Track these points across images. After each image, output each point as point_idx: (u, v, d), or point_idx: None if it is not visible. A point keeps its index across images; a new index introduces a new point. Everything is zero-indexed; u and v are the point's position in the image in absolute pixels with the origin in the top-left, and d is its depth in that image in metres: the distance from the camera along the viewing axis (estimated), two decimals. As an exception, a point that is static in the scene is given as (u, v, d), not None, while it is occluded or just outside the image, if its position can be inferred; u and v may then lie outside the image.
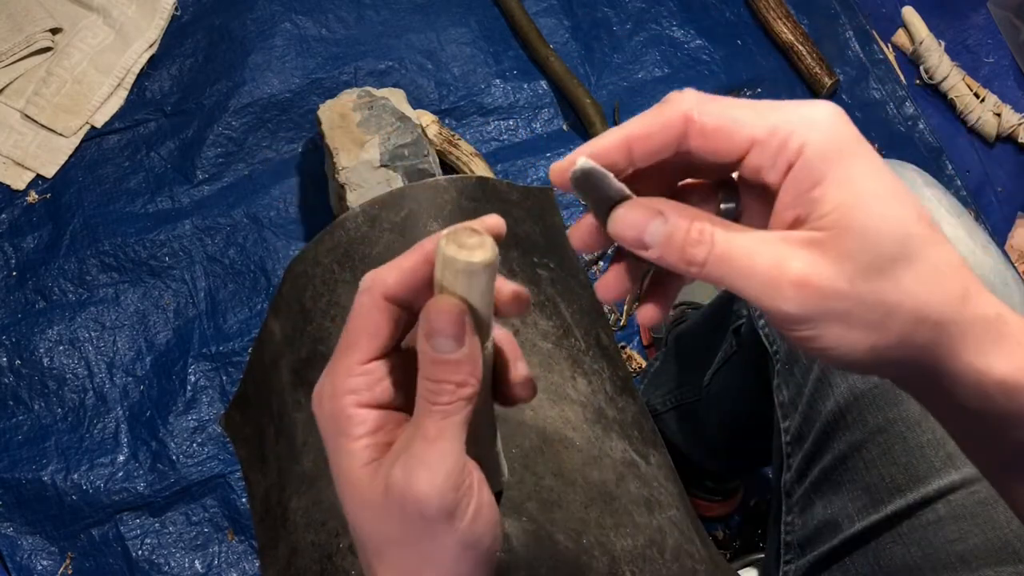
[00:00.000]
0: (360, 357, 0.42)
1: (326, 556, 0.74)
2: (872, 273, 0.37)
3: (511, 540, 0.69)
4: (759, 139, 0.39)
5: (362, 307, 0.42)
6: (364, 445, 0.42)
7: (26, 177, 1.41)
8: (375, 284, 0.42)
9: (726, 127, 0.39)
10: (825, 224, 0.37)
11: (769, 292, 0.37)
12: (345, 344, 0.43)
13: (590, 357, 0.83)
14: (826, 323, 0.37)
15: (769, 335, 0.85)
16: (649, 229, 0.39)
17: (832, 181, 0.38)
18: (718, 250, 0.38)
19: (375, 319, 0.42)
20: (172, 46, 1.50)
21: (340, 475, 0.42)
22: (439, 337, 0.40)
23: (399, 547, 0.41)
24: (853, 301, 0.37)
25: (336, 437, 0.42)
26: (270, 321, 0.93)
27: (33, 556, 1.23)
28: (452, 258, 0.40)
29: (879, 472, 0.71)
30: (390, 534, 0.41)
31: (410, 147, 1.31)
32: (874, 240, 0.37)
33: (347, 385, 0.42)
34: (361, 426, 0.42)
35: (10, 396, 1.30)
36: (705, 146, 0.40)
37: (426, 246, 0.42)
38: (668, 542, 0.73)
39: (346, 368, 0.42)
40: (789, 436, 0.82)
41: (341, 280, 0.85)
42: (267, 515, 0.88)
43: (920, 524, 0.68)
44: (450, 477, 0.40)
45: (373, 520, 0.41)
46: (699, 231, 0.39)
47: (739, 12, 1.68)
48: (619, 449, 0.77)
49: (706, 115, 0.40)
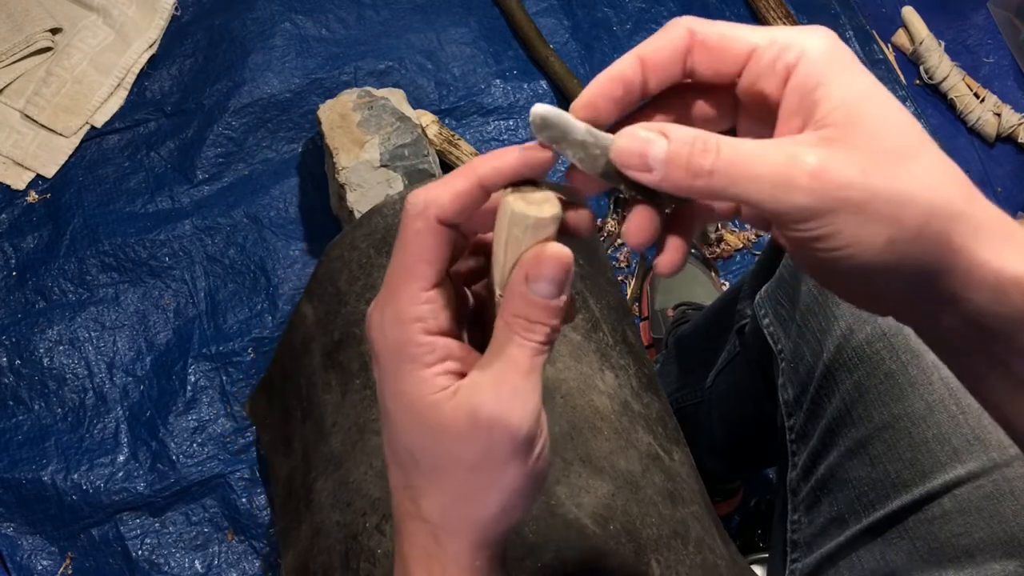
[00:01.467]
0: (423, 284, 0.42)
1: (351, 536, 0.74)
2: (885, 163, 0.37)
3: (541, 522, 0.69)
4: (758, 47, 0.40)
5: (418, 232, 0.42)
6: (437, 372, 0.42)
7: (26, 177, 1.40)
8: (428, 206, 0.41)
9: (727, 37, 0.40)
10: (834, 120, 0.38)
11: (782, 188, 0.37)
12: (403, 270, 0.42)
13: (617, 352, 0.84)
14: (843, 216, 0.37)
15: (774, 334, 0.85)
16: (652, 150, 0.39)
17: (834, 82, 0.38)
18: (725, 155, 0.38)
19: (432, 244, 0.42)
20: (172, 46, 1.50)
21: (405, 401, 0.42)
22: (543, 282, 0.41)
23: (470, 471, 0.42)
24: (869, 191, 0.37)
25: (402, 364, 0.42)
26: (303, 305, 0.95)
27: (33, 556, 1.23)
28: (521, 214, 0.40)
29: (884, 468, 0.71)
30: (464, 457, 0.42)
31: (410, 147, 1.31)
32: (884, 132, 0.37)
33: (414, 312, 0.42)
34: (432, 354, 0.42)
35: (10, 396, 1.29)
36: (707, 60, 0.41)
37: (477, 169, 0.42)
38: (692, 534, 0.74)
39: (410, 296, 0.42)
40: (794, 434, 0.82)
41: (377, 264, 0.87)
42: (290, 497, 0.89)
43: (926, 519, 0.68)
44: (536, 410, 0.41)
45: (444, 444, 0.42)
46: (704, 142, 0.38)
47: (739, 12, 1.68)
48: (644, 442, 0.78)
49: (708, 27, 0.41)
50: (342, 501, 0.76)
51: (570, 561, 0.68)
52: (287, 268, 1.40)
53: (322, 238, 1.42)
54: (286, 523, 0.88)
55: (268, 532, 1.27)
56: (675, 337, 1.29)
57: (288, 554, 0.85)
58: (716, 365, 1.08)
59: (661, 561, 0.71)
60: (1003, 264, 0.38)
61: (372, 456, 0.78)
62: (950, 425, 0.68)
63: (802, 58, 0.39)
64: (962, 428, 0.67)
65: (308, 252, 1.42)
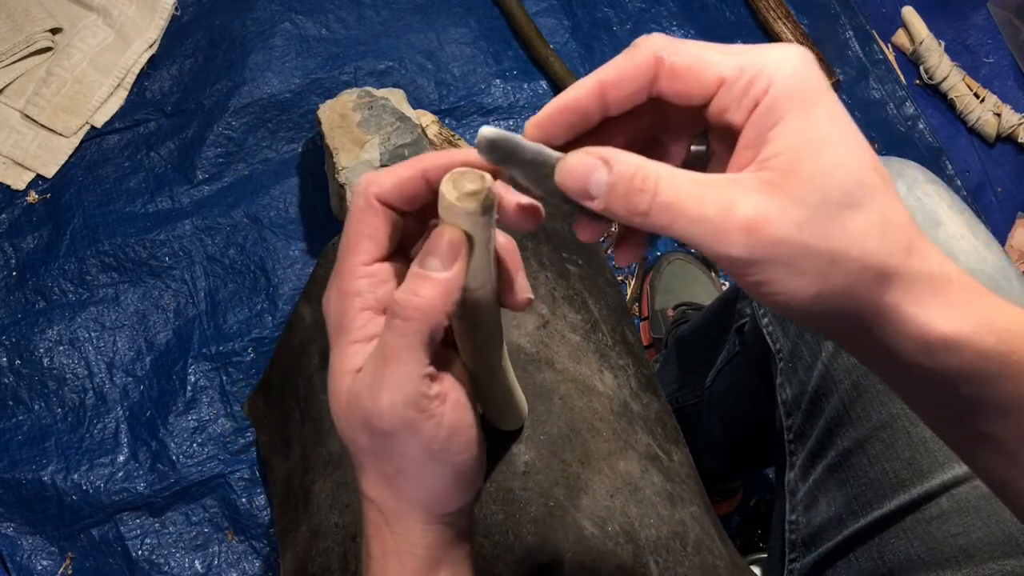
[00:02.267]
0: (363, 259, 0.44)
1: (349, 537, 0.74)
2: (821, 218, 0.36)
3: (539, 524, 0.69)
4: (727, 79, 0.39)
5: (358, 208, 0.44)
6: (357, 350, 0.43)
7: (26, 177, 1.40)
8: (369, 185, 0.43)
9: (696, 67, 0.39)
10: (778, 164, 0.37)
11: (717, 237, 0.37)
12: (346, 246, 0.44)
13: (616, 353, 0.84)
14: (773, 267, 0.37)
15: (773, 334, 0.85)
16: (593, 178, 0.39)
17: (791, 122, 0.38)
18: (661, 198, 0.37)
19: (371, 220, 0.44)
20: (172, 46, 1.50)
21: (332, 376, 0.44)
22: (430, 256, 0.41)
23: (373, 455, 0.44)
24: (800, 247, 0.36)
25: (337, 337, 0.44)
26: (301, 306, 0.95)
27: (33, 556, 1.23)
28: (451, 204, 0.41)
29: (882, 467, 0.71)
30: (364, 444, 0.44)
31: (410, 147, 1.31)
32: (824, 185, 0.37)
33: (351, 287, 0.43)
34: (359, 330, 0.43)
35: (10, 396, 1.29)
36: (674, 87, 0.40)
37: (424, 161, 0.43)
38: (691, 536, 0.74)
39: (349, 270, 0.44)
40: (792, 434, 0.82)
41: None
42: (288, 498, 0.89)
43: (924, 518, 0.68)
44: (410, 397, 0.41)
45: (351, 428, 0.44)
46: (642, 179, 0.38)
47: (739, 12, 1.68)
48: (643, 443, 0.78)
49: (676, 55, 0.40)
50: (340, 502, 0.76)
51: (568, 562, 0.68)
52: (287, 268, 1.40)
53: (322, 238, 1.42)
54: (285, 524, 0.88)
55: (268, 532, 1.27)
56: (675, 337, 1.29)
57: (287, 555, 0.85)
58: (715, 365, 1.08)
59: (660, 562, 0.71)
60: (931, 321, 0.38)
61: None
62: None
63: (768, 91, 0.38)
64: (960, 428, 0.67)
65: (308, 252, 1.42)
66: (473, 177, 0.42)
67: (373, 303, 0.43)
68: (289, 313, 1.35)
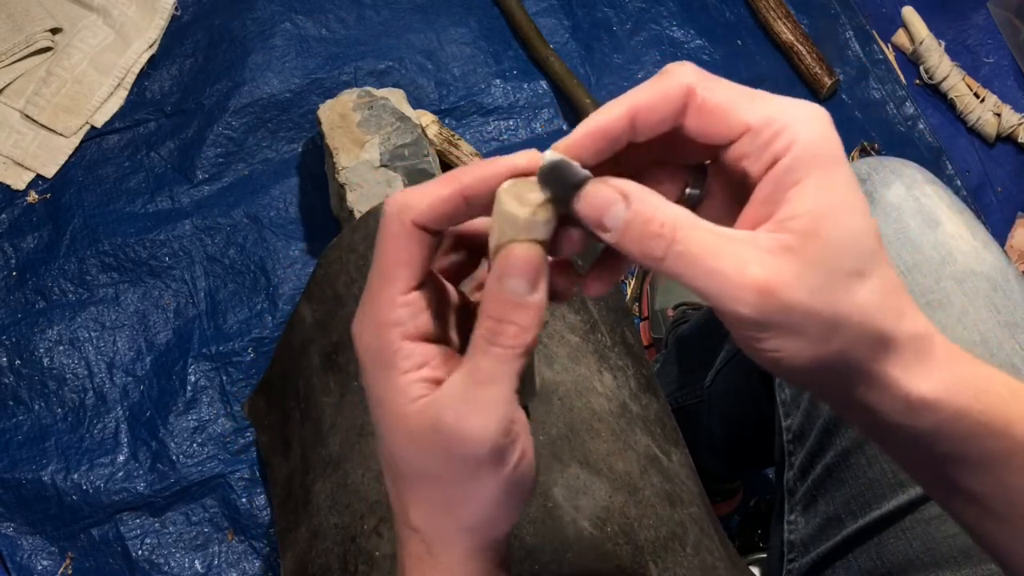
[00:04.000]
0: (400, 287, 0.41)
1: (349, 538, 0.74)
2: (830, 285, 0.37)
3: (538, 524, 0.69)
4: (753, 127, 0.39)
5: (394, 235, 0.41)
6: (412, 380, 0.41)
7: (26, 177, 1.40)
8: (403, 209, 0.40)
9: (726, 108, 0.39)
10: (795, 227, 0.37)
11: (728, 294, 0.37)
12: (381, 274, 0.41)
13: (615, 353, 0.84)
14: (777, 330, 0.37)
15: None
16: (611, 212, 0.38)
17: (811, 185, 0.37)
18: (679, 247, 0.37)
19: (409, 247, 0.41)
20: (172, 46, 1.50)
21: (384, 408, 0.42)
22: (514, 278, 0.39)
23: (440, 483, 0.41)
24: (808, 312, 0.37)
25: (381, 370, 0.41)
26: (301, 306, 0.95)
27: (33, 556, 1.23)
28: (526, 220, 0.39)
29: (881, 467, 0.71)
30: (432, 470, 0.41)
31: (410, 147, 1.31)
32: (839, 253, 0.37)
33: (391, 317, 0.41)
34: (408, 360, 0.41)
35: (10, 396, 1.29)
36: (700, 123, 0.40)
37: (461, 178, 0.40)
38: (689, 536, 0.74)
39: (388, 300, 0.41)
40: (791, 434, 0.82)
41: None
42: (288, 498, 0.89)
43: (922, 519, 0.68)
44: (501, 423, 0.40)
45: (417, 454, 0.41)
46: (660, 224, 0.37)
47: (739, 12, 1.68)
48: (643, 444, 0.78)
49: (709, 92, 0.39)
50: (340, 503, 0.77)
51: (567, 563, 0.68)
52: (287, 268, 1.40)
53: (322, 238, 1.42)
54: (285, 524, 0.88)
55: (268, 532, 1.27)
56: (675, 337, 1.29)
57: (287, 555, 0.85)
58: (715, 365, 1.08)
59: (659, 563, 0.71)
60: (913, 383, 0.39)
61: (370, 459, 0.78)
62: None
63: (790, 149, 0.38)
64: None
65: (308, 252, 1.42)
66: (531, 186, 0.40)
67: (414, 331, 0.41)
68: (289, 313, 1.35)
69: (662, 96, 0.39)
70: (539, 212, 0.39)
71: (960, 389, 0.39)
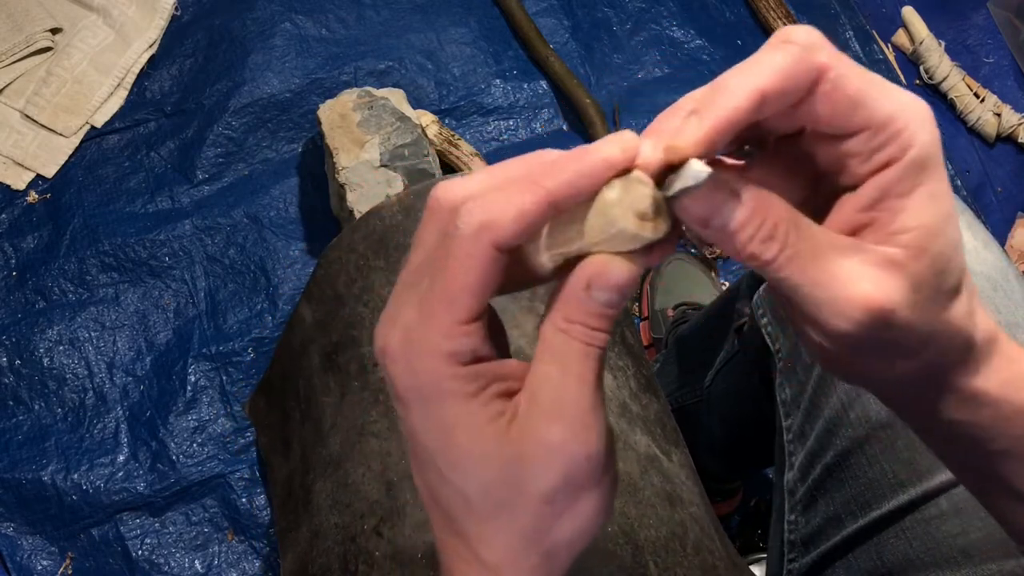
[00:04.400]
0: (463, 316, 0.35)
1: (349, 538, 0.74)
2: (934, 302, 0.35)
3: None
4: (874, 126, 0.35)
5: (469, 257, 0.34)
6: (486, 399, 0.36)
7: (26, 177, 1.40)
8: (484, 230, 0.33)
9: (854, 100, 0.34)
10: (906, 242, 0.34)
11: (834, 308, 0.34)
12: (443, 299, 0.35)
13: (615, 353, 0.84)
14: (871, 346, 0.35)
15: (772, 334, 0.85)
16: (721, 215, 0.34)
17: (922, 196, 0.35)
18: (790, 252, 0.34)
19: (483, 273, 0.34)
20: (172, 46, 1.50)
21: (454, 439, 0.36)
22: (609, 293, 0.35)
23: (544, 502, 0.36)
24: (910, 329, 0.35)
25: (442, 401, 0.36)
26: (301, 306, 0.95)
27: (33, 556, 1.23)
28: (633, 233, 0.34)
29: (881, 467, 0.71)
30: (536, 488, 0.36)
31: (410, 147, 1.31)
32: (945, 269, 0.35)
33: (449, 347, 0.35)
34: (476, 382, 0.36)
35: (10, 396, 1.29)
36: (824, 112, 0.35)
37: (544, 183, 0.34)
38: (690, 536, 0.74)
39: (445, 329, 0.35)
40: (791, 434, 0.82)
41: (375, 267, 0.87)
42: (288, 498, 0.89)
43: (922, 519, 0.68)
44: (605, 431, 0.37)
45: (514, 475, 0.36)
46: (774, 225, 0.34)
47: (739, 12, 1.68)
48: (643, 444, 0.78)
49: (843, 78, 0.34)
50: (340, 503, 0.77)
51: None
52: (287, 268, 1.40)
53: (322, 238, 1.42)
54: (285, 524, 0.88)
55: (268, 532, 1.27)
56: (675, 337, 1.29)
57: (287, 556, 0.85)
58: (715, 365, 1.08)
59: (659, 563, 0.71)
60: (980, 382, 0.38)
61: (370, 458, 0.78)
62: None
63: (905, 155, 0.34)
64: (959, 428, 0.67)
65: (308, 252, 1.42)
66: (643, 187, 0.34)
67: (472, 360, 0.36)
68: (289, 313, 1.35)
69: (793, 81, 0.34)
70: (659, 226, 0.34)
71: (1021, 384, 0.39)
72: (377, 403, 0.80)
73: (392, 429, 0.78)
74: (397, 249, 0.86)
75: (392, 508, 0.73)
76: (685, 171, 0.33)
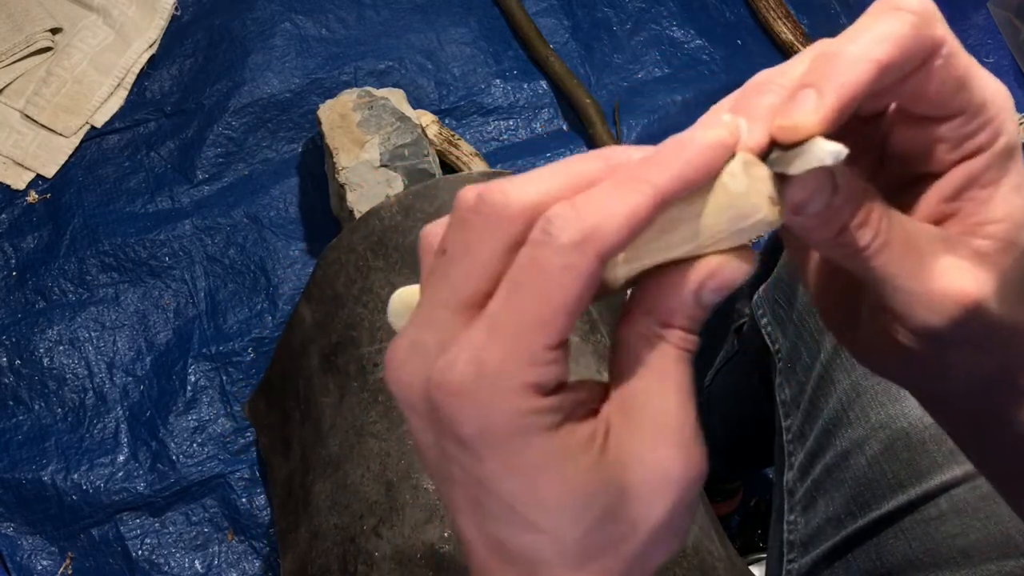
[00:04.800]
0: (552, 340, 0.29)
1: (349, 538, 0.74)
2: (1015, 297, 0.34)
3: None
4: (970, 110, 0.33)
5: (567, 270, 0.28)
6: (571, 431, 0.31)
7: (26, 177, 1.40)
8: (589, 240, 0.28)
9: (960, 80, 0.32)
10: (995, 234, 0.33)
11: (923, 302, 0.32)
12: (531, 320, 0.29)
13: None
14: (958, 343, 0.34)
15: (772, 334, 0.85)
16: (818, 199, 0.31)
17: (1008, 186, 0.33)
18: (883, 239, 0.32)
19: (586, 289, 0.29)
20: (172, 46, 1.50)
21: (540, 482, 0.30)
22: (722, 294, 0.31)
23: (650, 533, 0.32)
24: (994, 325, 0.33)
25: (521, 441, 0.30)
26: (301, 307, 0.95)
27: (33, 556, 1.23)
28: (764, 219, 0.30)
29: (881, 468, 0.71)
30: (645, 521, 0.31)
31: (410, 147, 1.31)
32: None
33: (532, 378, 0.29)
34: (558, 413, 0.30)
35: (10, 396, 1.29)
36: (929, 90, 0.32)
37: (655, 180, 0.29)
38: (689, 537, 0.74)
39: (530, 353, 0.29)
40: (791, 434, 0.82)
41: (374, 267, 0.87)
42: (288, 499, 0.89)
43: (922, 519, 0.68)
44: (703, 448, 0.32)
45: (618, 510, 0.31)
46: (869, 211, 0.32)
47: (739, 12, 1.68)
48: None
49: (956, 56, 0.32)
50: (340, 504, 0.77)
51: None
52: (287, 268, 1.40)
53: (322, 238, 1.42)
54: (285, 525, 0.88)
55: (268, 532, 1.27)
56: (674, 337, 1.29)
57: (287, 556, 0.85)
58: (714, 365, 1.08)
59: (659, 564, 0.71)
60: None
61: (369, 459, 0.78)
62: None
63: (994, 143, 0.33)
64: (959, 429, 0.67)
65: (308, 252, 1.42)
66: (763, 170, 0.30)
67: (556, 386, 0.30)
68: (289, 313, 1.35)
69: (910, 54, 0.31)
70: (783, 210, 0.31)
71: None
72: (376, 403, 0.80)
73: (391, 430, 0.78)
74: (396, 249, 0.86)
75: (391, 509, 0.73)
76: (810, 150, 0.29)
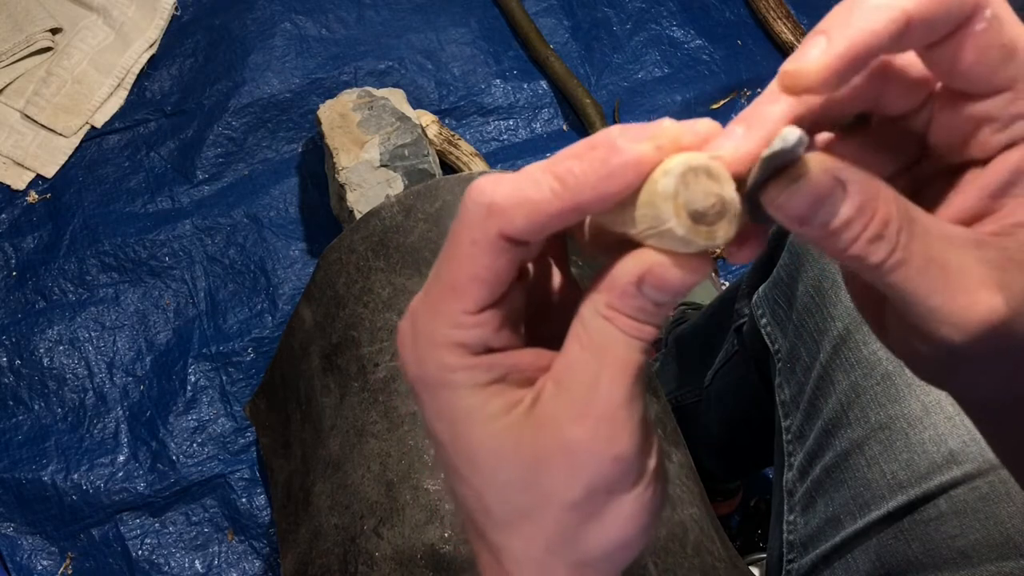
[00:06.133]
0: (469, 305, 0.31)
1: (349, 539, 0.74)
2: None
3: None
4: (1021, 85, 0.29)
5: (474, 244, 0.31)
6: (495, 392, 0.32)
7: (26, 177, 1.41)
8: (491, 216, 0.30)
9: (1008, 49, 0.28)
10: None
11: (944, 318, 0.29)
12: (448, 286, 0.31)
13: None
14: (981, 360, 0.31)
15: (771, 334, 0.85)
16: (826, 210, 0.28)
17: None
18: (900, 255, 0.28)
19: (490, 263, 0.31)
20: (172, 46, 1.50)
21: (462, 439, 0.32)
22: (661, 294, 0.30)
23: (567, 509, 0.32)
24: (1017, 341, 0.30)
25: (452, 392, 0.32)
26: (301, 307, 0.95)
27: (33, 556, 1.23)
28: (687, 240, 0.28)
29: (880, 468, 0.71)
30: (557, 493, 0.32)
31: (410, 147, 1.31)
32: None
33: (455, 337, 0.32)
34: (489, 372, 0.32)
35: (10, 396, 1.29)
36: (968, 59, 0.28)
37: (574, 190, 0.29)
38: (689, 537, 0.74)
39: (451, 318, 0.31)
40: (791, 435, 0.82)
41: (375, 268, 0.87)
42: (289, 500, 0.89)
43: (921, 520, 0.68)
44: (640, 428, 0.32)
45: (531, 479, 0.32)
46: (885, 222, 0.28)
47: (739, 12, 1.68)
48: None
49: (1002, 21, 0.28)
50: (340, 504, 0.77)
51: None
52: (287, 268, 1.40)
53: (322, 238, 1.42)
54: (285, 526, 0.88)
55: (268, 532, 1.27)
56: (674, 336, 1.29)
57: (288, 556, 0.85)
58: (714, 365, 1.08)
59: (659, 564, 0.71)
60: None
61: (370, 459, 0.78)
62: (947, 427, 0.68)
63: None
64: (958, 430, 0.67)
65: (308, 252, 1.42)
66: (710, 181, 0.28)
67: (483, 348, 0.32)
68: (289, 313, 1.35)
69: (944, 8, 0.27)
70: (717, 232, 0.28)
71: None
72: (376, 404, 0.80)
73: (391, 430, 0.78)
74: (397, 250, 0.86)
75: (392, 509, 0.74)
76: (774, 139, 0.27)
